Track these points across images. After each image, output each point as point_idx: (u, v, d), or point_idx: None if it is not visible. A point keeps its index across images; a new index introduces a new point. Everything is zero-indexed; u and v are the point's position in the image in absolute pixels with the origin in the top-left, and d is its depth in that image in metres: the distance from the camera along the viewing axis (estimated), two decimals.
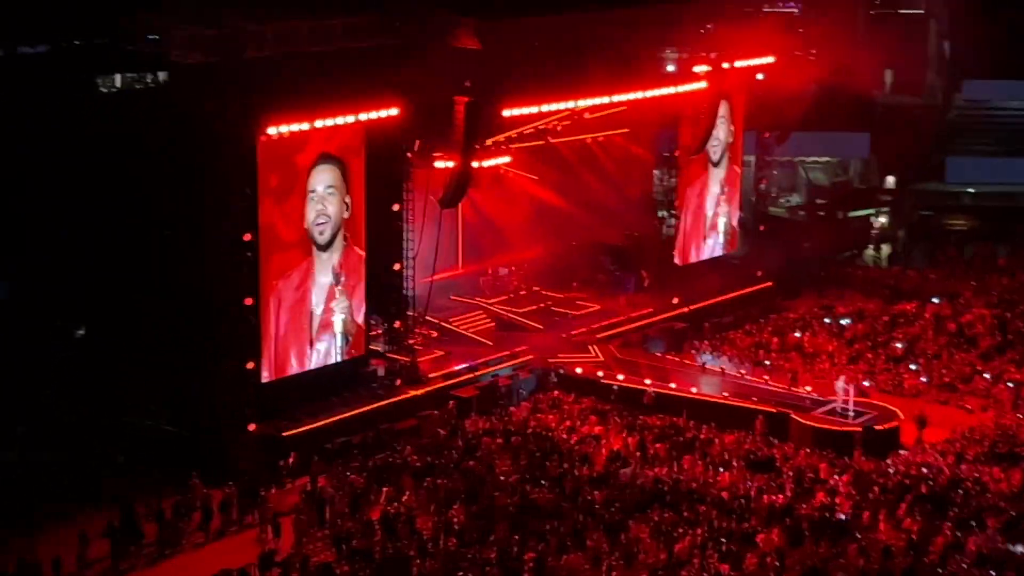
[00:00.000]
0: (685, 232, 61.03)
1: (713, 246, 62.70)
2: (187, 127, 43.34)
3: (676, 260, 60.82)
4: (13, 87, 44.39)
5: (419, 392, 48.57)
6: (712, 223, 62.38)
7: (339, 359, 47.66)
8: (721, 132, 61.05)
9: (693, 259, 61.69)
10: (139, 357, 45.45)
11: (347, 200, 47.07)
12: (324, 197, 46.38)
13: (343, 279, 47.30)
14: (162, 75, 45.75)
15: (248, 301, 44.18)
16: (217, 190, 43.54)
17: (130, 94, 45.90)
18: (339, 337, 47.51)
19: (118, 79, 46.36)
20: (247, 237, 43.93)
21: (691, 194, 60.92)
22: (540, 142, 56.86)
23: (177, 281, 44.60)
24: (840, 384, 48.45)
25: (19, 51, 45.12)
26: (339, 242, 47.11)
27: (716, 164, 61.83)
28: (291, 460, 43.28)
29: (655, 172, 60.14)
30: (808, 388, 49.81)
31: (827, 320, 58.22)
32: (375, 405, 47.18)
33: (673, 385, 50.15)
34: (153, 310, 45.18)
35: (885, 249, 72.14)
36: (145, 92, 45.75)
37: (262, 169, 44.30)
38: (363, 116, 46.29)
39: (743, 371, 52.17)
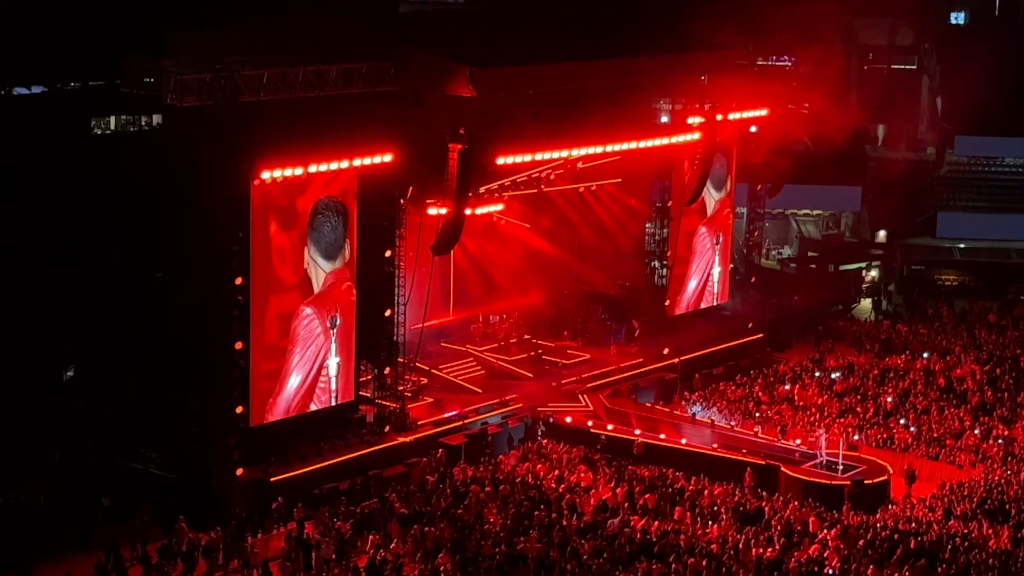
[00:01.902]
0: (676, 282, 61.04)
1: (704, 297, 62.72)
2: (180, 169, 43.47)
3: (667, 310, 60.80)
4: (8, 127, 44.46)
5: (408, 439, 48.48)
6: (704, 274, 62.43)
7: (330, 404, 47.54)
8: (713, 183, 61.16)
9: (684, 310, 61.70)
10: (128, 399, 45.35)
11: (346, 244, 47.13)
12: (325, 241, 46.42)
13: (338, 323, 47.30)
14: (157, 118, 45.89)
15: (239, 345, 44.16)
16: (209, 233, 43.58)
17: (124, 136, 46.04)
18: (331, 381, 47.43)
19: (113, 121, 46.51)
20: (239, 281, 43.96)
21: (683, 245, 60.98)
22: (533, 190, 56.95)
23: (167, 324, 44.57)
24: (821, 435, 48.58)
25: (15, 91, 45.22)
26: (336, 286, 47.11)
27: (708, 215, 61.95)
28: (278, 505, 43.11)
29: (647, 222, 60.19)
30: (798, 441, 49.76)
31: (817, 373, 58.22)
32: (364, 451, 47.09)
33: (663, 436, 50.08)
34: (142, 352, 45.11)
35: (875, 303, 72.13)
36: (139, 134, 45.87)
37: (260, 212, 44.42)
38: (357, 162, 46.46)
39: (733, 423, 52.12)
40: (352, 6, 49.57)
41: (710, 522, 43.16)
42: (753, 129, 61.89)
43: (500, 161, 51.72)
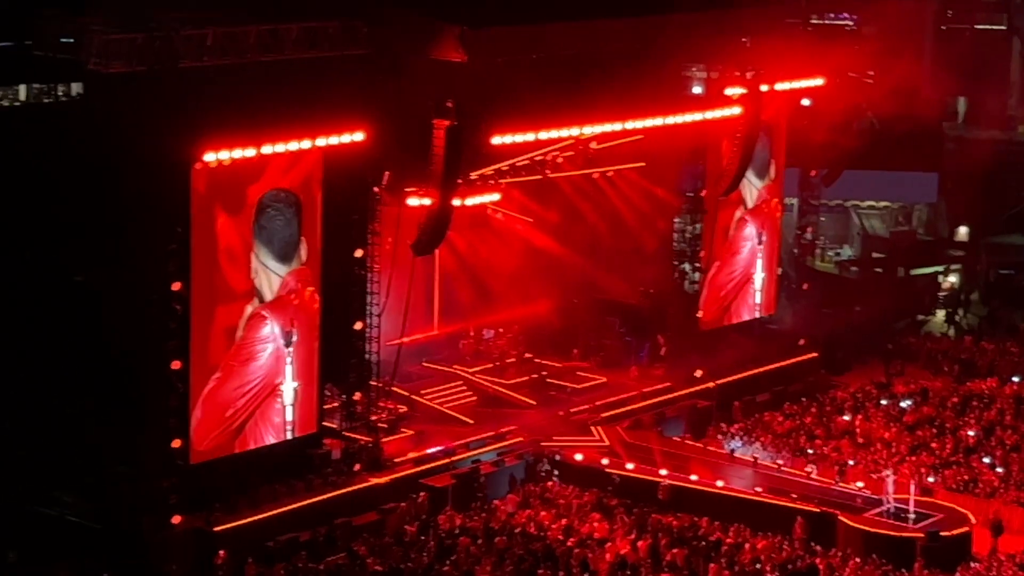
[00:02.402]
0: (712, 290, 61.19)
1: (746, 307, 62.85)
2: (105, 150, 43.52)
3: (700, 324, 60.91)
4: None
5: (383, 480, 48.61)
6: (745, 279, 62.58)
7: (287, 436, 47.69)
8: (757, 168, 61.33)
9: (721, 323, 61.83)
10: (40, 431, 45.39)
11: (302, 242, 47.31)
12: (274, 240, 46.59)
13: (295, 339, 47.44)
14: (76, 87, 45.94)
15: (176, 364, 44.28)
16: (141, 228, 43.70)
17: (36, 109, 46.08)
18: (287, 410, 47.59)
19: (22, 91, 46.55)
20: (177, 286, 44.07)
21: (720, 243, 61.11)
22: (537, 176, 57.13)
23: (89, 338, 44.65)
24: (887, 476, 48.68)
25: None
26: (291, 294, 47.27)
27: (751, 207, 62.10)
28: (222, 560, 43.22)
29: (676, 216, 60.32)
30: (859, 484, 49.88)
31: (884, 401, 58.34)
32: (329, 495, 47.19)
33: (694, 477, 50.21)
34: (59, 373, 45.18)
35: (949, 316, 72.28)
36: (55, 107, 45.93)
37: (203, 203, 44.56)
38: (321, 141, 46.60)
39: (780, 461, 52.26)
40: None
41: None
42: (806, 102, 62.05)
43: (496, 141, 51.88)
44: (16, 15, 45.10)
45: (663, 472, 50.45)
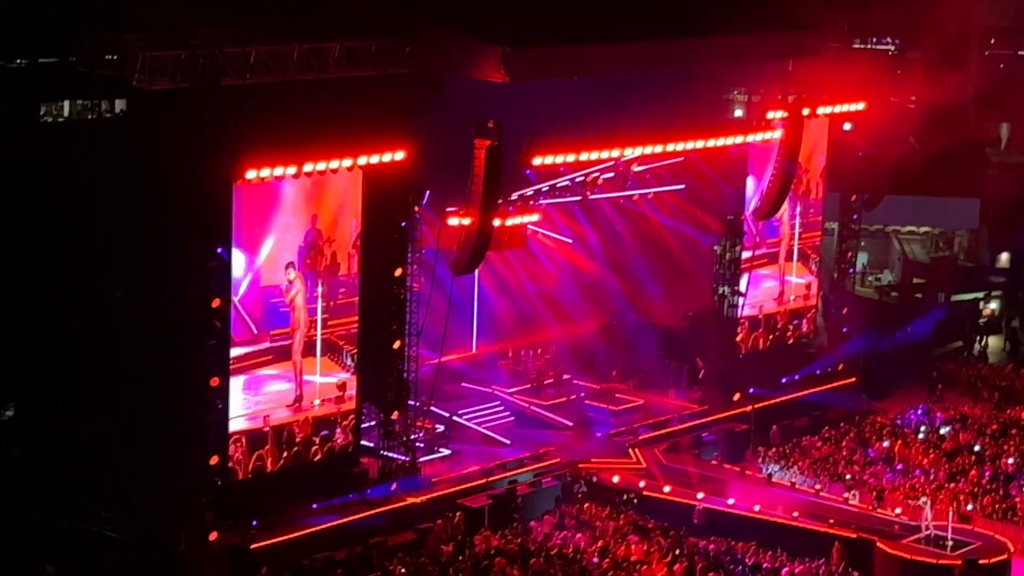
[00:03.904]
0: (752, 314, 61.04)
1: (785, 332, 62.69)
2: (147, 166, 43.69)
3: (740, 348, 60.80)
4: None
5: (419, 499, 48.58)
6: (784, 303, 62.42)
7: (323, 455, 47.78)
8: (799, 192, 61.22)
9: (760, 347, 61.69)
10: (79, 446, 45.53)
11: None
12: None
13: (334, 356, 47.61)
14: (120, 103, 46.15)
15: (215, 381, 44.39)
16: (181, 244, 43.85)
17: (81, 125, 46.28)
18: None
19: (67, 107, 46.77)
20: (216, 303, 44.19)
21: (759, 267, 60.99)
22: (577, 198, 57.13)
23: (128, 354, 44.77)
24: (924, 503, 48.52)
25: None
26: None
27: (791, 231, 61.97)
28: None
29: (716, 238, 60.25)
30: (898, 510, 49.69)
31: (923, 427, 58.11)
32: (365, 514, 47.21)
33: (731, 501, 50.07)
34: (98, 389, 45.31)
35: (996, 342, 72.03)
36: (99, 123, 46.13)
37: (242, 219, 44.67)
38: (363, 160, 46.69)
39: (818, 487, 52.08)
40: None
41: None
42: (847, 127, 61.93)
43: (537, 162, 51.91)
44: (61, 32, 45.32)
45: (700, 495, 50.33)
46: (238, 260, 44.63)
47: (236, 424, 45.28)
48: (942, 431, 57.67)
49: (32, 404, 47.26)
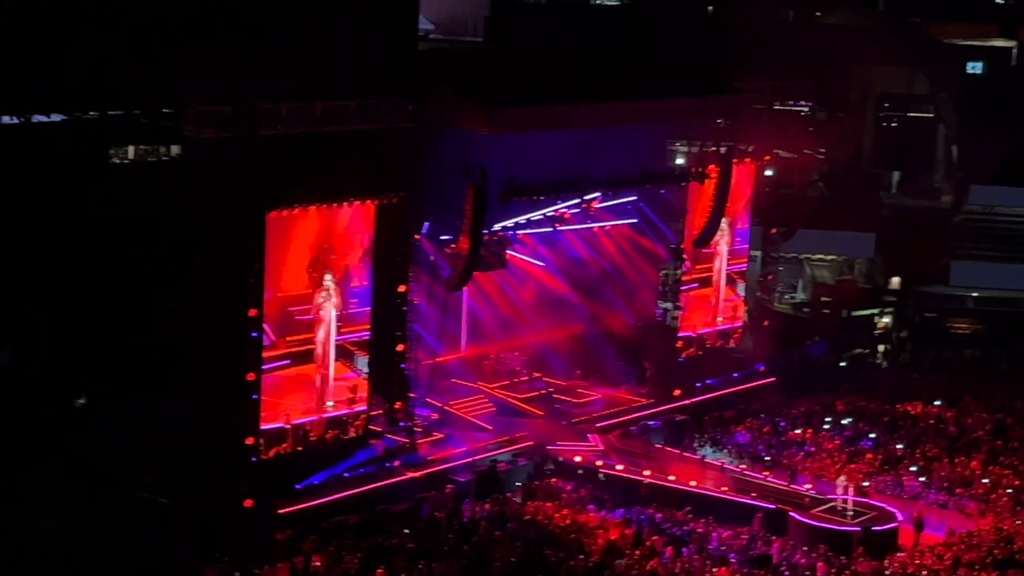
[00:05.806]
0: (689, 324, 60.96)
1: (716, 339, 62.64)
2: (197, 200, 43.60)
3: (679, 352, 60.70)
4: (27, 156, 44.58)
5: (417, 474, 48.41)
6: (716, 316, 62.36)
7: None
8: (727, 226, 61.23)
9: (696, 352, 61.59)
10: (140, 429, 45.30)
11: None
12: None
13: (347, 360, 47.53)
14: (175, 148, 46.08)
15: (251, 376, 44.23)
16: (224, 263, 43.79)
17: (143, 166, 46.19)
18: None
19: (131, 151, 46.67)
20: (252, 313, 44.05)
21: (695, 286, 60.96)
22: (548, 229, 57.09)
23: (181, 353, 44.59)
24: (841, 481, 48.43)
25: (34, 119, 45.35)
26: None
27: (721, 257, 61.97)
28: (287, 537, 43.07)
29: (662, 262, 60.20)
30: (808, 486, 49.60)
31: (828, 418, 58.05)
32: (373, 485, 47.05)
33: (672, 477, 49.97)
34: (157, 382, 45.09)
35: (887, 350, 71.99)
36: (158, 165, 46.05)
37: (276, 243, 44.62)
38: (373, 197, 46.59)
39: (743, 466, 51.97)
40: (371, 39, 49.64)
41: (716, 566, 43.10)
42: (769, 173, 62.00)
43: (515, 199, 51.89)
44: (127, 89, 45.22)
45: (646, 473, 50.23)
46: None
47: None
48: (843, 421, 57.67)
49: (101, 394, 47.03)
